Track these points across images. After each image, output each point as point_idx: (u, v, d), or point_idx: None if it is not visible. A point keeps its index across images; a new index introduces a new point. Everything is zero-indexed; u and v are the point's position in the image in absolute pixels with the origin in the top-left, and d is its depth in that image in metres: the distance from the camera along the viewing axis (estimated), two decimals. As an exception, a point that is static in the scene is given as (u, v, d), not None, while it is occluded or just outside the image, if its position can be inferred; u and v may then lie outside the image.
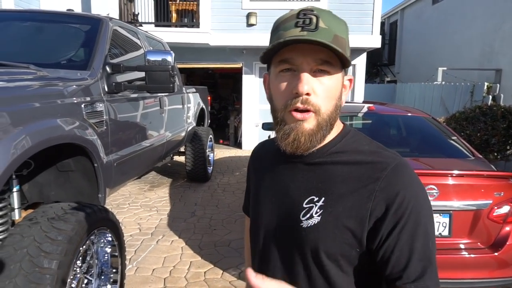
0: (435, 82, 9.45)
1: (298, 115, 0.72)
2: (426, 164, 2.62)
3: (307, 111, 0.72)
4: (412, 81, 11.76)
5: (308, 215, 0.75)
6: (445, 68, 9.64)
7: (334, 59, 0.71)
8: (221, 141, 9.74)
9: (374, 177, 0.72)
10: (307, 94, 0.71)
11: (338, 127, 0.80)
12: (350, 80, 0.81)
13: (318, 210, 0.74)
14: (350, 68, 8.52)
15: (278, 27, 0.74)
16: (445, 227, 2.33)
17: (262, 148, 0.98)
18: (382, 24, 17.42)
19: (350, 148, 0.78)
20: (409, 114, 3.57)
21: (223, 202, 4.81)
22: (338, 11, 7.96)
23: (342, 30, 0.72)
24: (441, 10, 12.50)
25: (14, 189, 2.03)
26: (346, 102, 4.61)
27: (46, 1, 9.31)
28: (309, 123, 0.73)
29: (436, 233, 2.34)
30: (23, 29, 2.86)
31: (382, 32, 16.60)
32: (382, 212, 0.70)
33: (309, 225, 0.75)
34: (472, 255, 2.32)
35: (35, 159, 2.05)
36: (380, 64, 18.02)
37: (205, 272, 3.03)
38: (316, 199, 0.75)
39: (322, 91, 0.72)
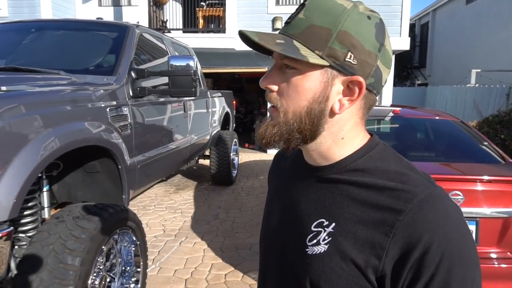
0: (468, 85, 9.10)
1: (269, 108, 0.68)
2: (452, 169, 2.53)
3: (273, 107, 0.66)
4: (444, 84, 11.39)
5: (315, 241, 0.65)
6: (479, 70, 9.26)
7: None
8: (246, 145, 9.80)
9: (396, 209, 0.59)
10: (269, 89, 0.66)
11: (361, 138, 0.68)
12: (354, 81, 0.61)
13: (327, 237, 0.64)
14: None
15: None
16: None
17: (283, 154, 0.87)
18: (412, 26, 17.00)
19: (373, 166, 0.65)
20: (437, 118, 3.46)
21: (246, 206, 4.83)
22: (365, 14, 7.87)
23: (323, 17, 0.60)
24: (475, 10, 12.04)
25: (44, 189, 2.14)
26: (371, 106, 4.50)
27: (81, 11, 9.77)
28: (273, 118, 0.66)
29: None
30: (56, 37, 3.02)
31: (412, 34, 16.22)
32: (401, 255, 0.57)
33: (314, 252, 0.65)
34: (502, 265, 2.21)
35: (64, 160, 2.16)
36: (410, 66, 17.57)
37: (225, 275, 3.05)
38: (326, 223, 0.65)
39: (285, 89, 0.64)
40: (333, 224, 0.64)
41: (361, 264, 0.60)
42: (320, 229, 0.65)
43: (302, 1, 0.64)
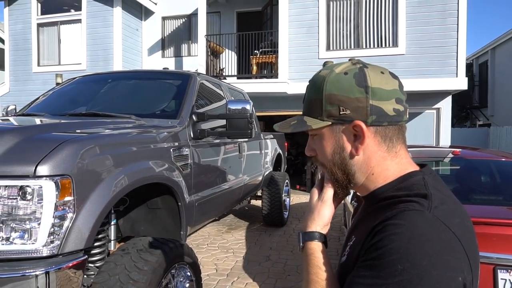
0: (538, 125, 8.44)
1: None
2: (523, 214, 2.34)
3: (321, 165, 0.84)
4: (509, 124, 10.64)
5: (344, 252, 0.80)
6: (549, 109, 8.60)
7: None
8: (298, 186, 9.74)
9: (372, 226, 0.68)
10: (311, 156, 0.84)
11: (394, 171, 0.75)
12: (355, 126, 0.73)
13: (348, 250, 0.77)
14: (433, 111, 8.10)
15: None
16: (551, 287, 2.01)
17: None
18: (470, 65, 16.42)
19: (397, 195, 0.72)
20: (503, 159, 3.26)
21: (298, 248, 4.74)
22: (419, 55, 7.82)
23: (314, 91, 0.77)
24: (540, 47, 11.40)
25: (112, 223, 2.32)
26: (428, 147, 4.31)
27: (147, 62, 10.74)
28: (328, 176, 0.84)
29: None
30: (129, 85, 3.38)
31: (470, 74, 15.62)
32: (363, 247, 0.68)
33: (341, 261, 0.79)
34: None
35: (130, 197, 2.34)
36: (470, 107, 16.74)
37: (278, 318, 2.98)
38: (353, 237, 0.79)
39: (318, 151, 0.81)
40: (354, 239, 0.77)
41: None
42: (349, 243, 0.79)
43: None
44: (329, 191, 0.81)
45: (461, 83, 7.61)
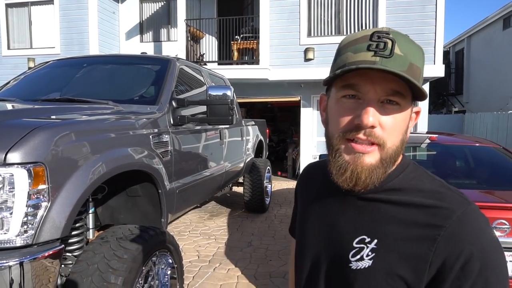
0: (510, 112, 8.74)
1: (358, 146, 0.65)
2: (496, 197, 2.43)
3: (370, 143, 0.65)
4: (483, 111, 10.99)
5: (358, 256, 0.68)
6: (521, 96, 8.91)
7: (407, 90, 0.64)
8: (279, 173, 9.80)
9: (436, 225, 0.63)
10: (372, 126, 0.64)
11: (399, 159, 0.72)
12: (417, 112, 0.72)
13: (370, 253, 0.67)
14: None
15: (346, 47, 0.67)
16: (520, 267, 2.10)
17: (312, 170, 0.91)
18: (447, 53, 16.76)
19: (408, 185, 0.69)
20: (477, 144, 3.36)
21: (280, 233, 4.80)
22: (398, 42, 7.88)
23: (418, 58, 0.65)
24: (514, 36, 11.73)
25: (90, 211, 2.26)
26: (406, 133, 4.42)
27: (125, 47, 10.44)
28: (371, 157, 0.65)
29: (510, 274, 2.13)
30: (105, 70, 3.27)
31: (447, 61, 15.96)
32: (444, 268, 0.61)
33: (358, 267, 0.67)
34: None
35: (109, 184, 2.28)
36: (446, 94, 17.15)
37: (259, 303, 3.01)
38: (367, 240, 0.68)
39: (389, 124, 0.65)
40: (375, 240, 0.67)
41: (406, 277, 0.63)
42: (362, 245, 0.68)
43: (376, 30, 0.66)
44: None
45: (438, 70, 7.75)
